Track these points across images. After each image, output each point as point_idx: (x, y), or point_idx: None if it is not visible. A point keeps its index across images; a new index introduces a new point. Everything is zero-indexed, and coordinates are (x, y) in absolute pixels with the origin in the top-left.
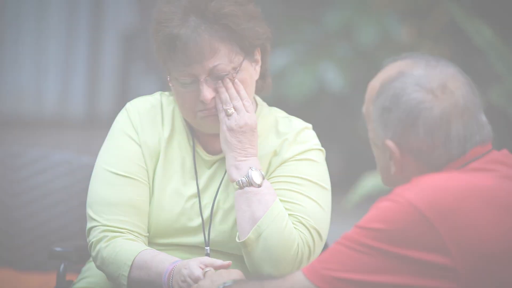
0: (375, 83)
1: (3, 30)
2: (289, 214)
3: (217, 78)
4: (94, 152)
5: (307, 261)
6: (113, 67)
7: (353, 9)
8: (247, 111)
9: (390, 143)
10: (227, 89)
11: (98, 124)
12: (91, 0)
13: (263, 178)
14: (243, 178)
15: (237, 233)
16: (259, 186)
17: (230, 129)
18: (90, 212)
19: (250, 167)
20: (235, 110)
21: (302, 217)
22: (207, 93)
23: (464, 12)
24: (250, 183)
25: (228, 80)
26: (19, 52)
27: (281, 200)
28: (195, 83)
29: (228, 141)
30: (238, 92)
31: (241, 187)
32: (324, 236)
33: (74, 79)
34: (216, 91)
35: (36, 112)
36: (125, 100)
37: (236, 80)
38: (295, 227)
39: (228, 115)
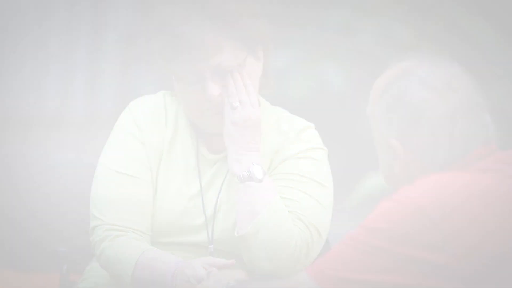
0: (379, 82)
1: (3, 29)
2: (288, 211)
3: (222, 75)
4: (95, 152)
5: (305, 258)
6: (114, 67)
7: (354, 9)
8: (252, 106)
9: (394, 142)
10: (234, 82)
11: (99, 124)
12: (91, 0)
13: (265, 174)
14: (244, 172)
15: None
16: (260, 181)
17: (234, 123)
18: (93, 211)
19: (252, 162)
20: (240, 103)
21: (302, 214)
22: (214, 90)
23: (465, 12)
24: (251, 178)
25: (236, 73)
26: (19, 52)
27: (281, 197)
28: (200, 81)
29: (231, 134)
30: (245, 86)
31: (242, 181)
32: (324, 234)
33: (75, 79)
34: (223, 87)
35: (36, 112)
36: (126, 100)
37: (244, 74)
38: (294, 224)
39: (233, 108)
